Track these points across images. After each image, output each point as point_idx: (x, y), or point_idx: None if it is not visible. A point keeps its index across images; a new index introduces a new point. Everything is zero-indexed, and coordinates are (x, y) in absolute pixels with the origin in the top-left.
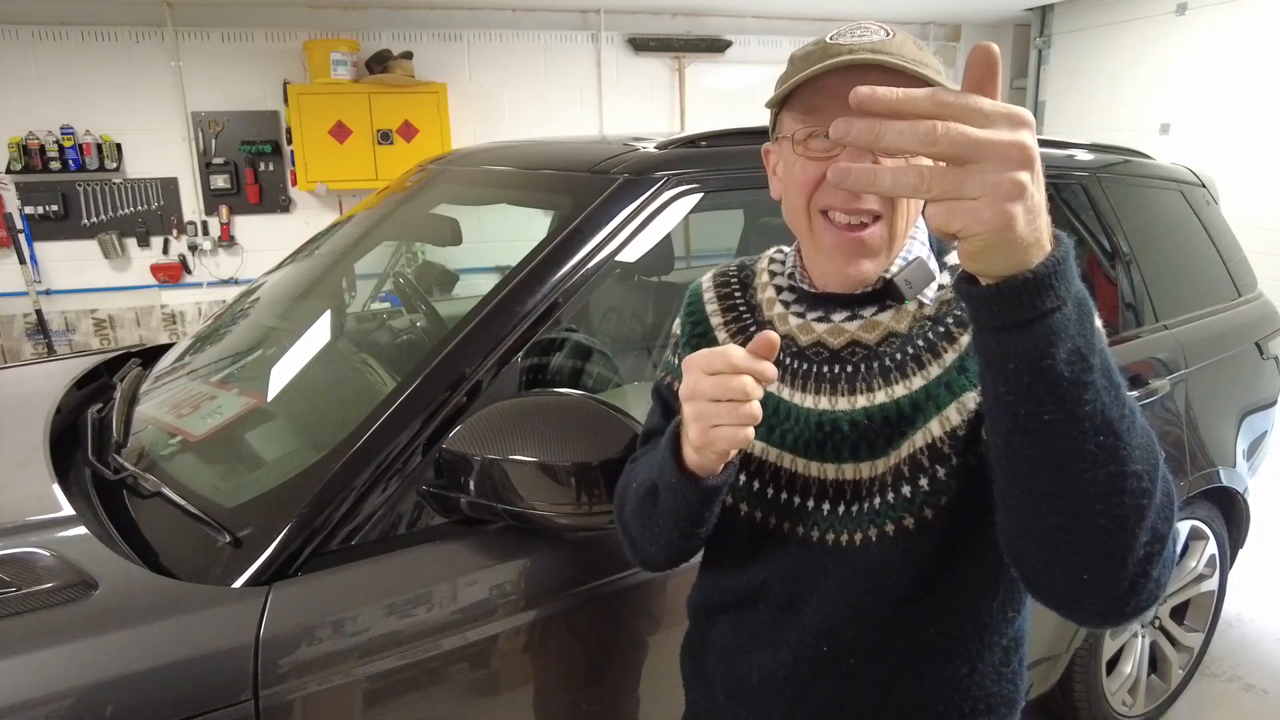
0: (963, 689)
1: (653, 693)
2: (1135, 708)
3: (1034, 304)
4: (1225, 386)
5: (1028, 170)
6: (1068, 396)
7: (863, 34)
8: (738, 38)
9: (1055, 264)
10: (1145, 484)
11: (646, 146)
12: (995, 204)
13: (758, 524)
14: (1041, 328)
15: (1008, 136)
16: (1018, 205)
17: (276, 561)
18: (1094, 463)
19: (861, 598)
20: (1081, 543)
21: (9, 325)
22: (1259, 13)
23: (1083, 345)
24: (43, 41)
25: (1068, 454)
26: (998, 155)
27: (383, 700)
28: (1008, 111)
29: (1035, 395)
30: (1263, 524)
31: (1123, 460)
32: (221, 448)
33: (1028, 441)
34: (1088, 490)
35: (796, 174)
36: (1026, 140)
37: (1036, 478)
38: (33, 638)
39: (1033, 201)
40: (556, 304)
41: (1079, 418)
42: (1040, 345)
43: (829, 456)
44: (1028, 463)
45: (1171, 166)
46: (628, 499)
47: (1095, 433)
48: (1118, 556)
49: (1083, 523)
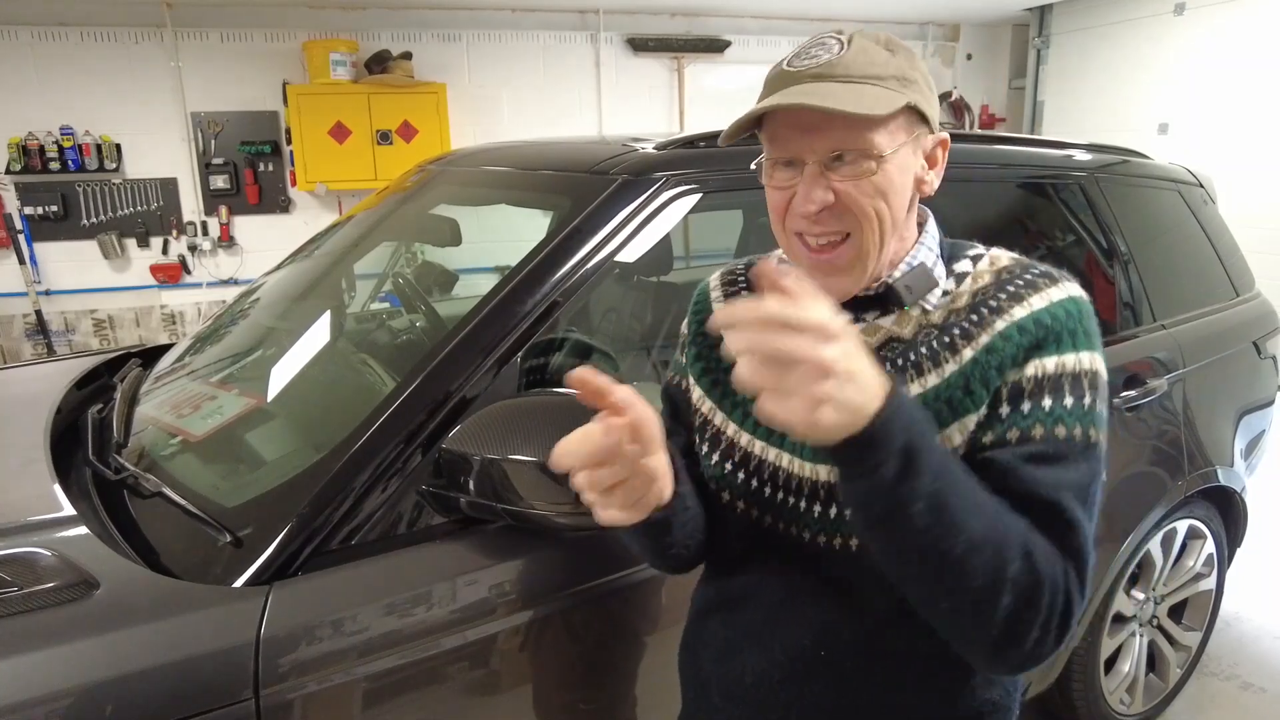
0: (956, 695)
1: (651, 692)
2: (1133, 706)
3: (856, 464)
4: (1223, 386)
5: (828, 378)
6: (890, 534)
7: (815, 53)
8: (737, 38)
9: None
10: (984, 595)
11: (645, 147)
12: (804, 405)
13: (753, 522)
14: (862, 484)
15: (809, 350)
16: (824, 407)
17: (277, 561)
18: (924, 581)
19: (856, 601)
20: (938, 622)
21: (9, 325)
22: (1257, 13)
23: (903, 496)
24: (42, 42)
25: (903, 571)
26: (800, 362)
27: (383, 699)
28: (817, 324)
29: (867, 529)
30: (1260, 523)
31: (956, 577)
32: (222, 448)
33: (874, 540)
34: (926, 596)
35: (770, 201)
36: (826, 355)
37: (888, 562)
38: (35, 637)
39: (841, 400)
40: (556, 304)
41: (903, 550)
42: (860, 495)
43: (823, 457)
44: (880, 552)
45: (1169, 166)
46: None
47: (921, 561)
48: (971, 636)
49: (932, 612)
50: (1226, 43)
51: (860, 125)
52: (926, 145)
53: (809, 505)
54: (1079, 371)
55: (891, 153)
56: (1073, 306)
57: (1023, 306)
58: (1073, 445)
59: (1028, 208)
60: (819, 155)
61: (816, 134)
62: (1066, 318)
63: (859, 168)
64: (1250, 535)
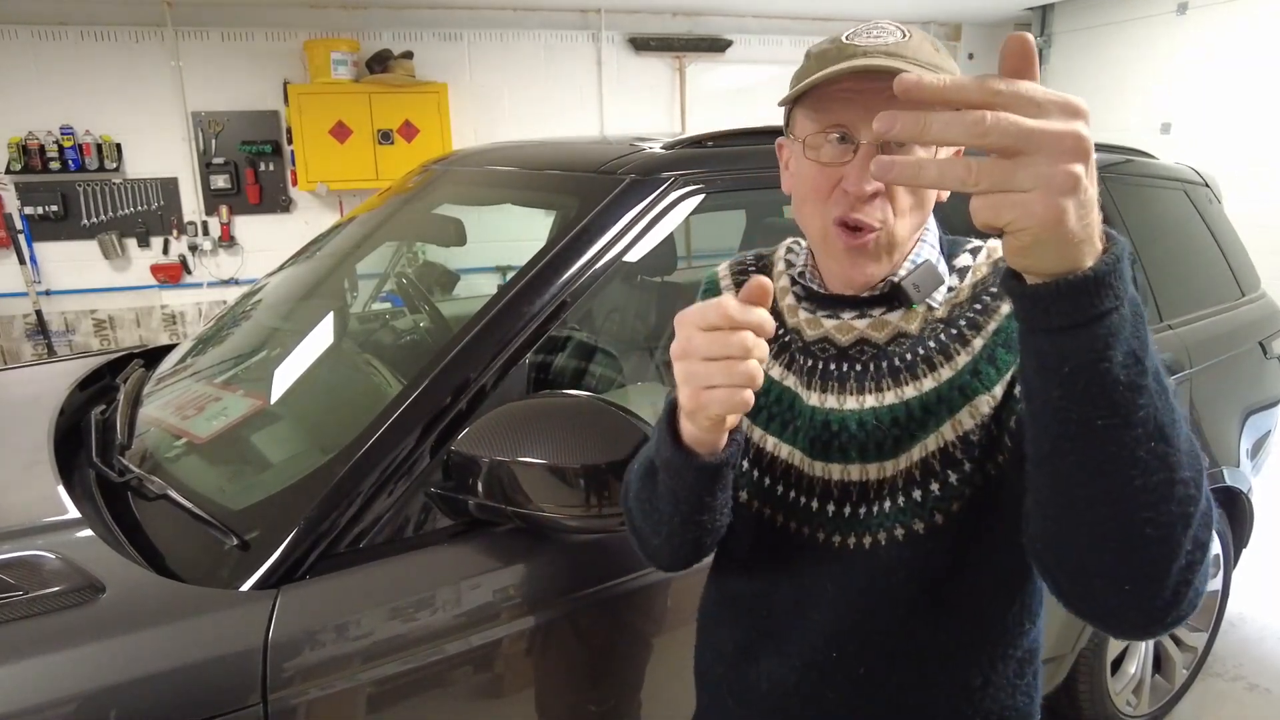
0: (975, 701)
1: (660, 695)
2: (1139, 707)
3: (1092, 303)
4: (1229, 386)
5: (1082, 162)
6: (1123, 401)
7: (879, 35)
8: (738, 37)
9: (1114, 262)
10: (1192, 490)
11: (653, 147)
12: (1048, 197)
13: (765, 521)
14: (1099, 328)
15: (1062, 126)
16: (1070, 199)
17: (284, 564)
18: (1145, 469)
19: (870, 603)
20: (1127, 552)
21: (9, 326)
22: (1259, 12)
23: (1138, 347)
24: (42, 41)
25: (1119, 460)
26: (1052, 146)
27: (393, 704)
28: (1062, 101)
29: (1090, 400)
30: (1266, 523)
31: (1173, 467)
32: (227, 450)
33: (1078, 447)
34: (1137, 498)
35: (808, 179)
36: (1082, 130)
37: (1084, 485)
38: (41, 642)
39: (1086, 195)
40: (564, 305)
41: (1133, 423)
42: (1098, 347)
43: (835, 457)
44: (1077, 469)
45: (1175, 166)
46: (631, 482)
47: (1148, 438)
48: (1162, 566)
49: (1130, 531)
50: (1229, 42)
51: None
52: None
53: (821, 504)
54: None
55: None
56: None
57: None
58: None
59: None
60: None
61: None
62: None
63: (914, 155)
64: (1256, 536)
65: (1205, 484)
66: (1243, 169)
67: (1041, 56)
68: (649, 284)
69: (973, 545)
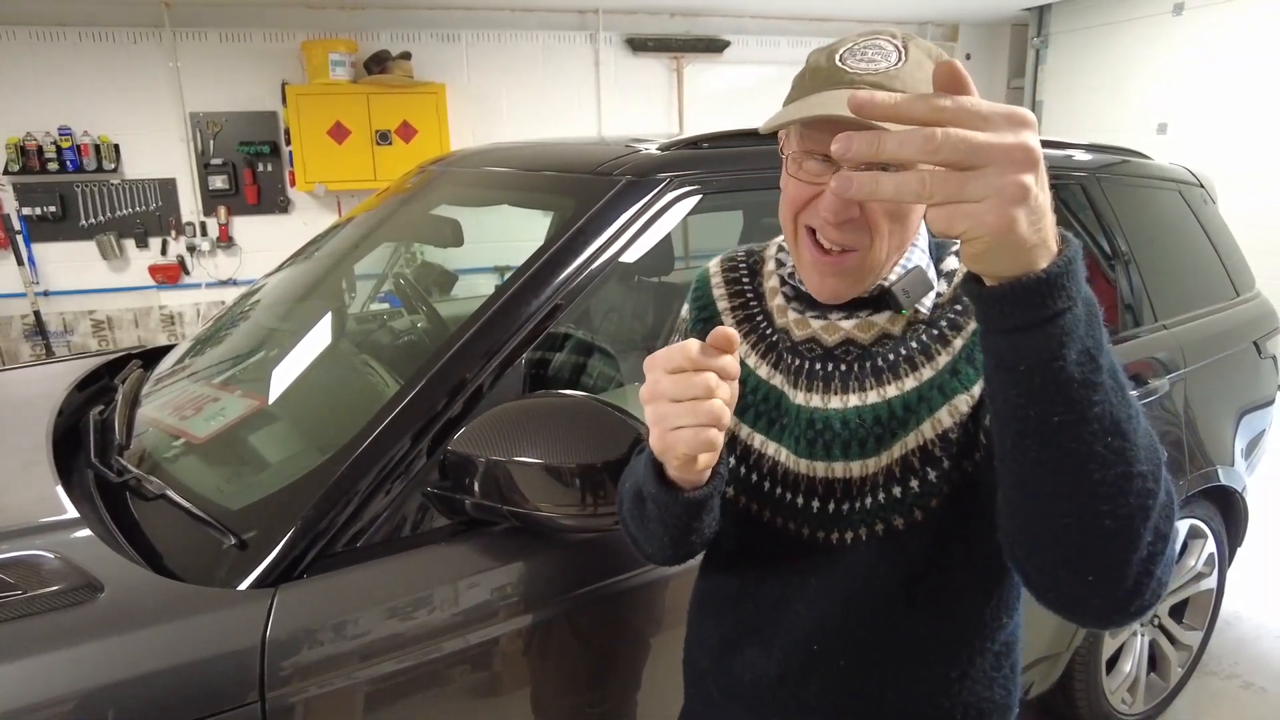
0: (954, 693)
1: (657, 693)
2: (1135, 706)
3: (1045, 304)
4: (1223, 386)
5: (1031, 172)
6: (1078, 398)
7: (873, 58)
8: (736, 38)
9: (1066, 264)
10: (1150, 484)
11: (648, 148)
12: (999, 207)
13: (752, 516)
14: (1053, 328)
15: (1010, 139)
16: (1020, 208)
17: (282, 564)
18: (1102, 464)
19: (851, 597)
20: (1088, 543)
21: (7, 327)
22: (1255, 12)
23: (1092, 346)
24: (41, 42)
25: (1077, 455)
26: (1001, 158)
27: (390, 702)
28: (1007, 112)
29: (1046, 397)
30: (1261, 522)
31: (1130, 460)
32: (225, 450)
33: (1037, 444)
34: (1096, 491)
35: (789, 191)
36: (1029, 141)
37: (1045, 480)
38: (40, 640)
39: (1036, 203)
40: (560, 305)
41: (1088, 419)
42: (1052, 346)
43: (819, 454)
44: (1036, 465)
45: (1170, 166)
46: (624, 496)
47: (1104, 434)
48: (1123, 556)
49: (1090, 523)
50: (1225, 42)
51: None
52: None
53: (806, 500)
54: None
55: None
56: None
57: None
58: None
59: None
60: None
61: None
62: None
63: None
64: (1251, 535)
65: (1165, 477)
66: (1239, 169)
67: (1039, 57)
68: (646, 284)
69: (952, 541)
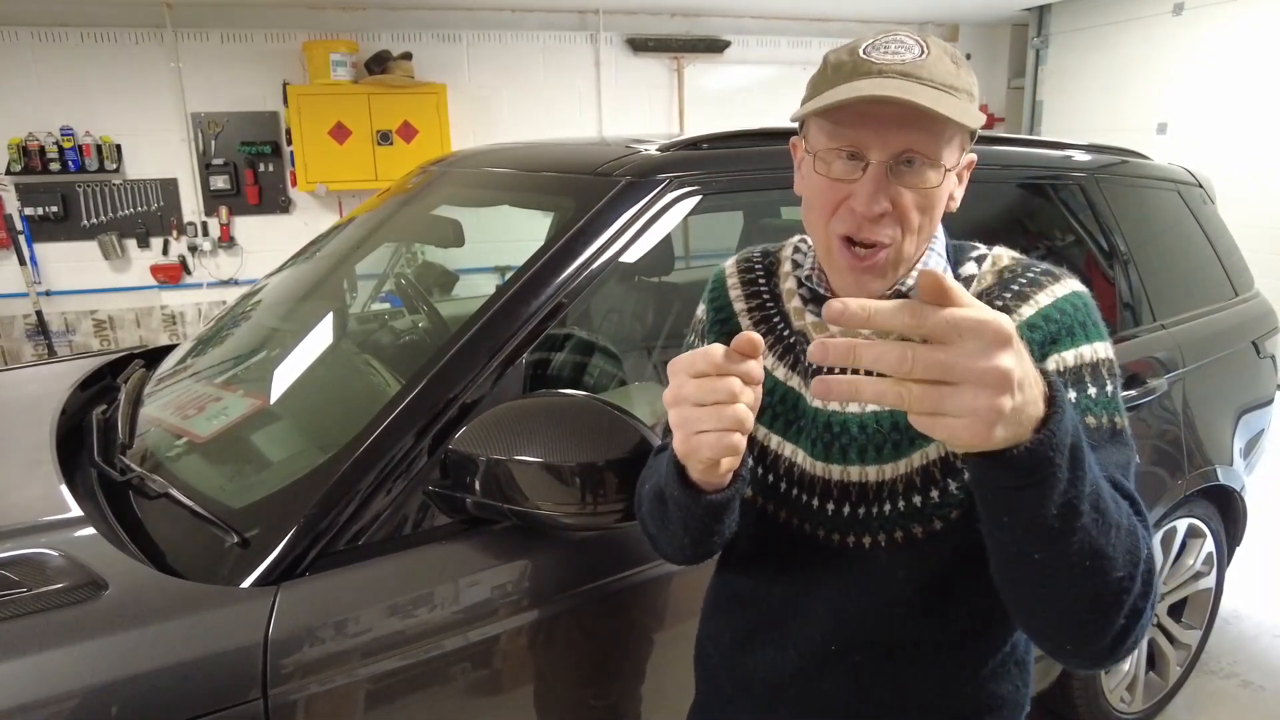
0: (965, 690)
1: (659, 690)
2: (1133, 705)
3: (1027, 475)
4: (1222, 385)
5: (1006, 393)
6: (1057, 539)
7: (897, 51)
8: (736, 38)
9: (1049, 436)
10: (1125, 583)
11: (648, 149)
12: (972, 425)
13: (769, 517)
14: (1032, 493)
15: (983, 364)
16: (995, 426)
17: (284, 562)
18: (1079, 580)
19: (867, 599)
20: (1065, 629)
21: (9, 326)
22: (1256, 12)
23: (1073, 497)
24: (43, 43)
25: (1055, 578)
26: (975, 381)
27: (392, 700)
28: (986, 330)
29: (1026, 541)
30: (1259, 521)
31: (1106, 572)
32: (227, 449)
33: (1017, 568)
34: (1071, 600)
35: (818, 192)
36: (1003, 365)
37: (1025, 592)
38: (44, 638)
39: (1012, 413)
40: (561, 305)
41: (1067, 554)
42: (1032, 506)
43: (837, 458)
44: (1015, 582)
45: (1169, 167)
46: (644, 497)
47: (1082, 559)
48: (1098, 635)
49: (1067, 619)
50: (1225, 43)
51: (939, 133)
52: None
53: (822, 503)
54: (1096, 361)
55: (951, 169)
56: (1078, 300)
57: (1030, 305)
58: (1102, 433)
59: (1027, 208)
60: (890, 154)
61: (894, 131)
62: (1074, 310)
63: (923, 176)
64: (1249, 534)
65: (1145, 560)
66: (1239, 169)
67: (1039, 57)
68: (647, 284)
69: (968, 549)
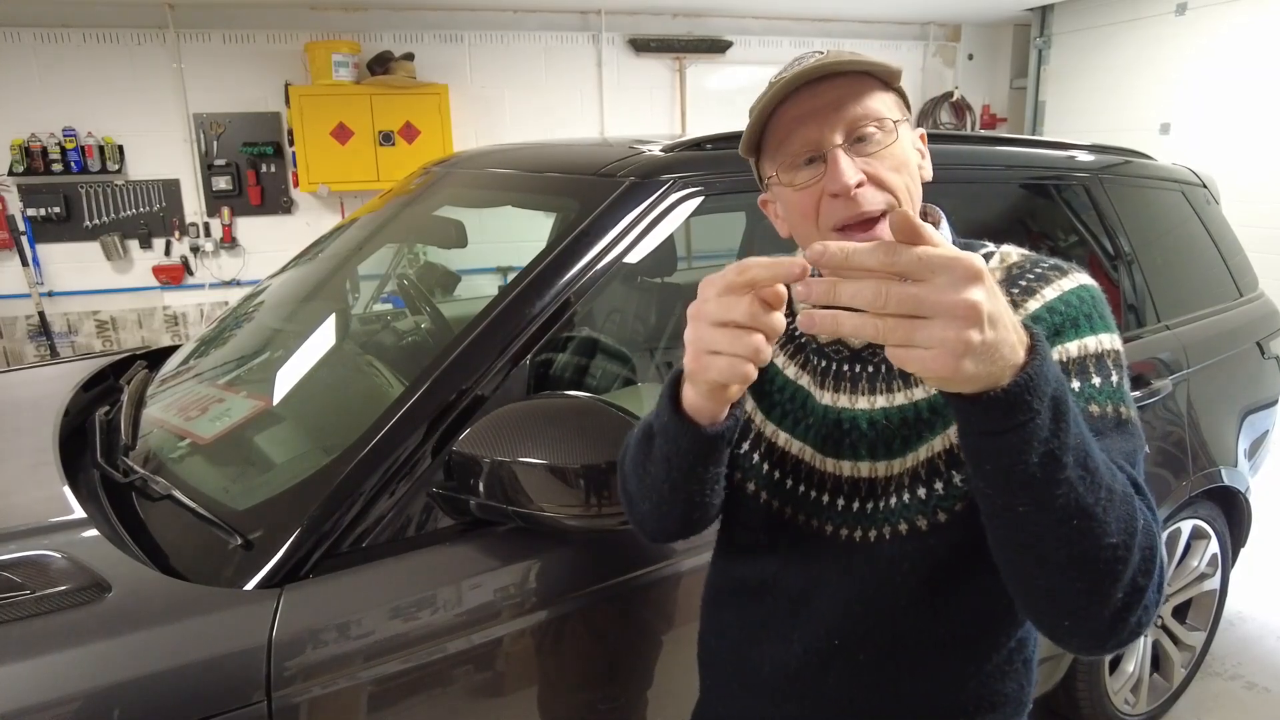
0: (969, 687)
1: (665, 690)
2: (1138, 706)
3: (1005, 418)
4: (1227, 386)
5: (975, 326)
6: (1040, 493)
7: (801, 60)
8: (738, 38)
9: (1027, 380)
10: (1120, 552)
11: (652, 149)
12: (942, 357)
13: (774, 513)
14: (1013, 437)
15: (952, 296)
16: (965, 358)
17: (288, 564)
18: (1067, 542)
19: (872, 593)
20: (1060, 600)
21: (11, 327)
22: (1259, 12)
23: (1055, 447)
24: (45, 44)
25: (1041, 538)
26: (945, 313)
27: (395, 702)
28: (957, 267)
29: (1009, 491)
30: (1264, 523)
31: (1097, 536)
32: (230, 450)
33: (1004, 524)
34: (1062, 564)
35: (795, 205)
36: (973, 297)
37: (1014, 551)
38: (48, 640)
39: (982, 348)
40: (565, 306)
41: (1052, 509)
42: (1012, 452)
43: (845, 454)
44: (1005, 542)
45: (1172, 167)
46: (630, 445)
47: (1068, 518)
48: (1094, 610)
49: (1061, 587)
50: (1228, 43)
51: (869, 92)
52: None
53: (831, 499)
54: (1101, 352)
55: (900, 121)
56: (1084, 293)
57: (1036, 299)
58: (1106, 422)
59: (1031, 209)
60: (840, 134)
61: (832, 114)
62: (1080, 303)
63: (879, 141)
64: (1254, 535)
65: (1143, 535)
66: (1243, 169)
67: (1041, 57)
68: (649, 285)
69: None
